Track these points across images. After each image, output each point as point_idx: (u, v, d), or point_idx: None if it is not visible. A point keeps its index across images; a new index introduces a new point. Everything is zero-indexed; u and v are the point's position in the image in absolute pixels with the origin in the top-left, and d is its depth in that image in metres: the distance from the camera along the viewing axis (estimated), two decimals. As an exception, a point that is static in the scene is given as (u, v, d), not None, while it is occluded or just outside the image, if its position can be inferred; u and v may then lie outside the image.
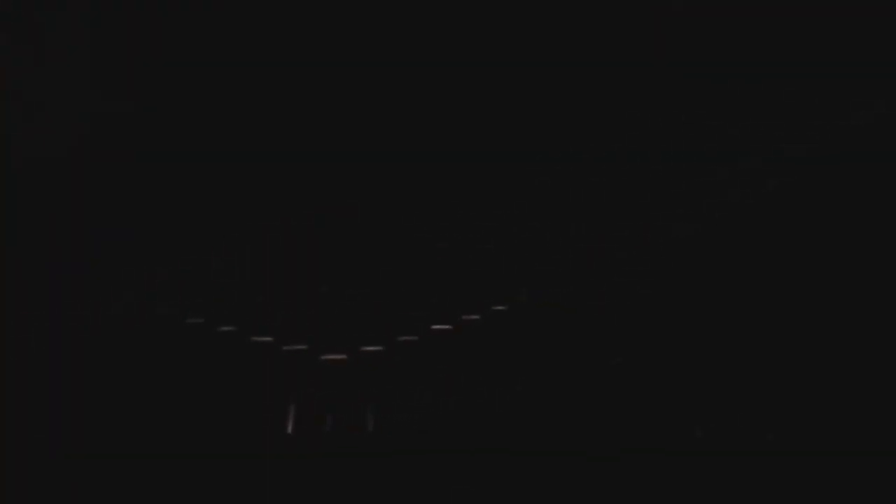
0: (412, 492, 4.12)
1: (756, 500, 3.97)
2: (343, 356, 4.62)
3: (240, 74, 5.09)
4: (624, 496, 3.98)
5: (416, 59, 5.09)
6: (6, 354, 4.52)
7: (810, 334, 4.63)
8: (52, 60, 4.95)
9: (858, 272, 4.73)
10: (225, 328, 4.69)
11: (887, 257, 4.72)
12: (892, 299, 4.64)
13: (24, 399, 4.39)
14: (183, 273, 4.86)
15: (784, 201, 4.86)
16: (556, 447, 4.24)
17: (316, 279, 4.89)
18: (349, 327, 4.83)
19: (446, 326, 4.73)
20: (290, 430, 4.53)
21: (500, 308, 4.82)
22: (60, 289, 4.76)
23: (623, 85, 5.08)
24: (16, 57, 4.89)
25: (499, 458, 4.26)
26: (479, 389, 4.64)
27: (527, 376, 4.61)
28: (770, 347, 4.61)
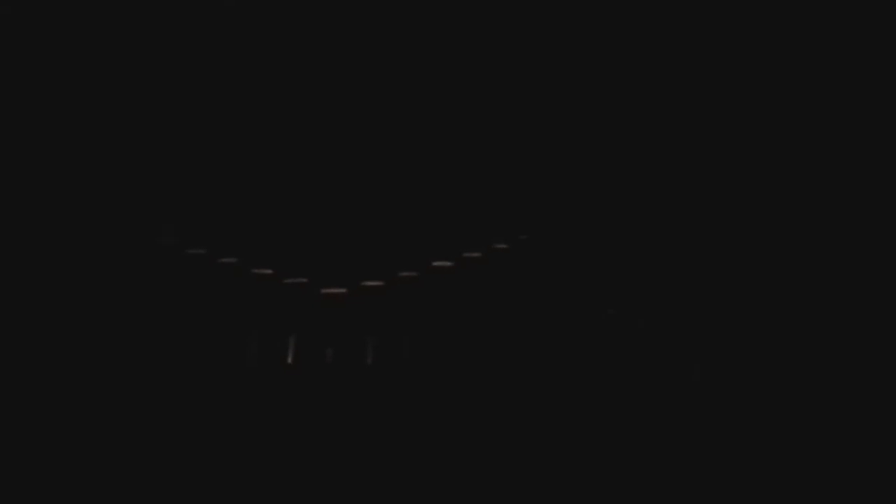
0: (408, 425, 4.15)
1: (756, 499, 3.98)
2: (343, 290, 4.62)
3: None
4: (621, 495, 3.98)
5: (415, 57, 5.05)
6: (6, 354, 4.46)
7: (810, 334, 4.65)
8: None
9: (859, 272, 4.78)
10: (226, 260, 4.69)
11: (887, 257, 4.78)
12: (893, 299, 4.69)
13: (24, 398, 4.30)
14: (184, 206, 4.87)
15: (784, 201, 4.90)
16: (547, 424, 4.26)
17: (318, 217, 4.88)
18: (350, 261, 4.81)
19: (447, 263, 4.74)
20: (290, 360, 4.52)
21: (501, 246, 4.83)
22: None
23: (623, 85, 5.07)
24: None
25: (492, 397, 4.29)
26: (476, 327, 4.64)
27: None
28: (769, 347, 4.63)
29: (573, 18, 5.00)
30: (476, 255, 4.77)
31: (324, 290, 4.59)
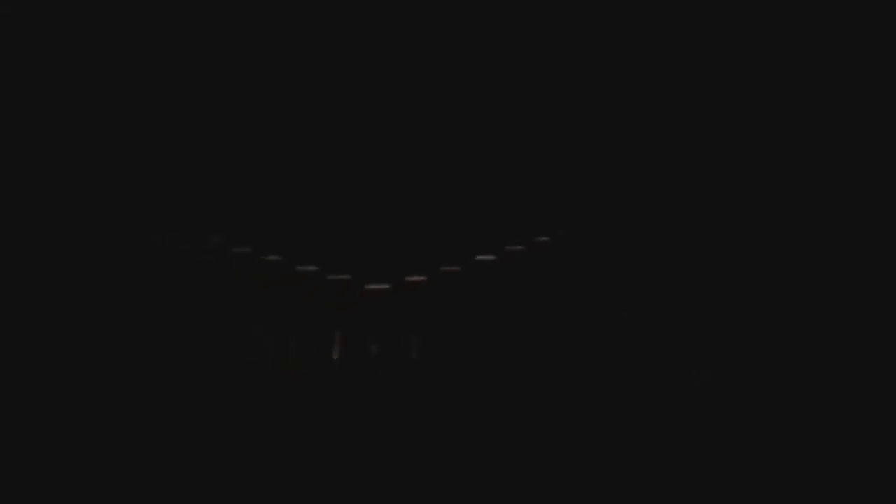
0: (454, 418, 4.23)
1: (756, 499, 3.96)
2: (385, 286, 4.69)
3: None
4: (621, 492, 3.98)
5: (415, 55, 5.06)
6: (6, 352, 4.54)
7: (809, 334, 4.63)
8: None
9: (858, 273, 4.74)
10: (271, 258, 4.77)
11: (887, 258, 4.73)
12: (893, 300, 4.65)
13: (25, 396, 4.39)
14: (230, 205, 4.92)
15: (784, 201, 4.86)
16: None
17: (360, 214, 4.95)
18: (392, 257, 4.89)
19: (489, 257, 4.79)
20: (335, 356, 4.60)
21: (544, 239, 4.86)
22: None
23: (623, 85, 5.02)
24: None
25: (536, 388, 4.37)
26: (520, 320, 4.68)
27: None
28: (769, 347, 4.62)
29: (597, 22, 4.97)
30: (518, 248, 4.81)
31: (367, 286, 4.66)
